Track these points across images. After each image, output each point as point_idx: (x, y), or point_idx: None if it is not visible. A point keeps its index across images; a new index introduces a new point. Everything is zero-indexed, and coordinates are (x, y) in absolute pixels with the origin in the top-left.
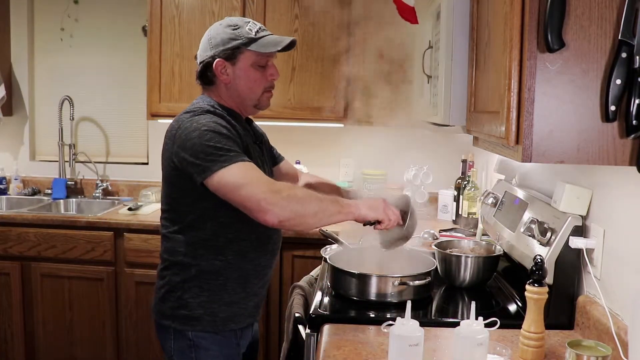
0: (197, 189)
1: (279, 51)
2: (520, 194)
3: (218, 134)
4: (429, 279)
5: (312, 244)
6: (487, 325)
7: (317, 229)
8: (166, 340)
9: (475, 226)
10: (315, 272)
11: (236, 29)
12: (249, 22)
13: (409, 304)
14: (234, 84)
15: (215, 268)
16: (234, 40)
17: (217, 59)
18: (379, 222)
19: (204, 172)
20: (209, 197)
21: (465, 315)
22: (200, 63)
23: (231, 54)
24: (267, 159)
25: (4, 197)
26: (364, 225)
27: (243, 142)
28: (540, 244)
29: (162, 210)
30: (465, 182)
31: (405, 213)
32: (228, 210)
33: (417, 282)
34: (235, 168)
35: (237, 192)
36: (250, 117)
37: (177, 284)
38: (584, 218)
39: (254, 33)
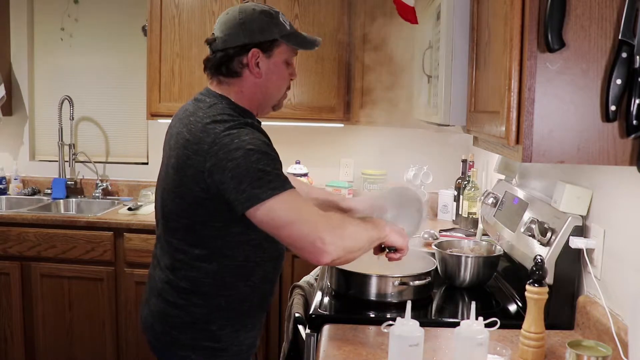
0: (230, 213)
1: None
2: (520, 194)
3: (265, 154)
4: (429, 279)
5: None
6: (487, 325)
7: None
8: None
9: (475, 226)
10: (315, 272)
11: (273, 19)
12: (280, 12)
13: (409, 304)
14: (265, 79)
15: (243, 295)
16: (273, 30)
17: (253, 49)
18: (397, 250)
19: (249, 200)
20: (242, 221)
21: (465, 316)
22: (223, 50)
23: (269, 46)
24: None
25: (3, 197)
26: (382, 249)
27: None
28: (540, 244)
29: (174, 229)
30: (465, 182)
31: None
32: (257, 231)
33: (417, 282)
34: (285, 199)
35: (287, 229)
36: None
37: (201, 316)
38: (584, 218)
39: (288, 26)
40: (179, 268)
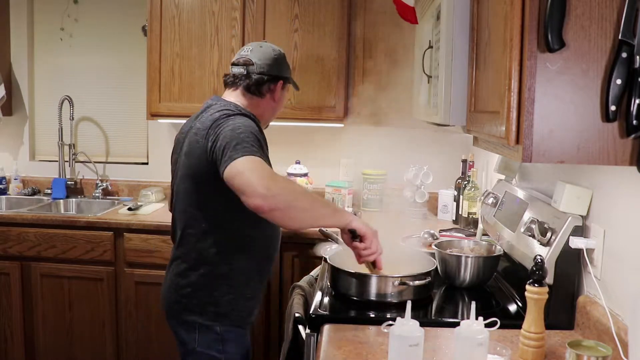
0: (230, 189)
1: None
2: (520, 194)
3: (250, 133)
4: (428, 279)
5: (312, 244)
6: (487, 325)
7: (317, 229)
8: (189, 334)
9: (475, 226)
10: (315, 272)
11: (288, 63)
12: None
13: (409, 304)
14: (276, 105)
15: (242, 266)
16: (288, 71)
17: (281, 80)
18: (362, 239)
19: (226, 162)
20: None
21: (465, 316)
22: (260, 73)
23: (286, 81)
24: None
25: (3, 197)
26: (342, 234)
27: (266, 147)
28: (540, 244)
29: (184, 207)
30: (465, 182)
31: None
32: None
33: (417, 282)
34: (250, 159)
35: (238, 177)
36: None
37: (206, 283)
38: (584, 218)
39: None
40: (188, 241)
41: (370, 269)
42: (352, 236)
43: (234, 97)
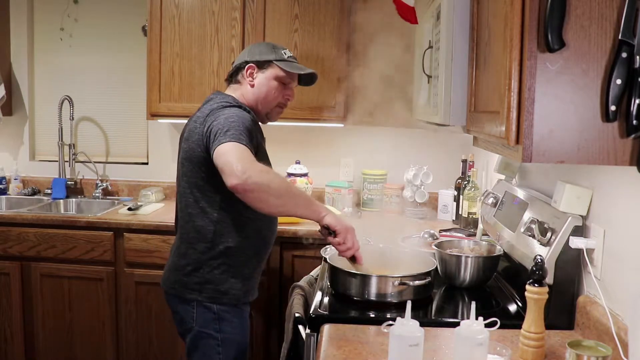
0: None
1: (301, 84)
2: (520, 194)
3: (241, 123)
4: (428, 279)
5: (312, 243)
6: (487, 325)
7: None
8: (187, 312)
9: (475, 226)
10: (315, 272)
11: (274, 48)
12: (286, 49)
13: (409, 304)
14: (257, 87)
15: (238, 245)
16: (269, 54)
17: (250, 63)
18: (335, 235)
19: (217, 143)
20: None
21: (465, 315)
22: (233, 66)
23: (262, 63)
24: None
25: (3, 197)
26: (321, 229)
27: (257, 139)
28: (540, 244)
29: (185, 189)
30: (465, 182)
31: None
32: None
33: (417, 282)
34: (235, 145)
35: (222, 158)
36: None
37: (205, 260)
38: (584, 218)
39: (286, 56)
40: (188, 221)
41: (351, 264)
42: (328, 232)
43: (229, 91)
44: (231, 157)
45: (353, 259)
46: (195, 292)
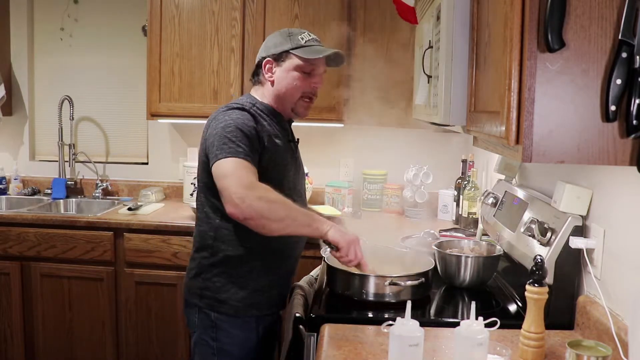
0: None
1: (331, 65)
2: (520, 194)
3: (239, 130)
4: (422, 279)
5: (312, 243)
6: (487, 325)
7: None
8: (191, 315)
9: (475, 226)
10: (315, 272)
11: (289, 36)
12: (305, 32)
13: (409, 304)
14: (277, 83)
15: (239, 255)
16: (284, 44)
17: (266, 59)
18: (338, 249)
19: (213, 159)
20: None
21: (465, 315)
22: (256, 64)
23: (279, 56)
24: (301, 163)
25: (3, 197)
26: (324, 242)
27: (262, 140)
28: (540, 244)
29: (198, 195)
30: (465, 182)
31: None
32: None
33: (409, 283)
34: (233, 161)
35: (220, 181)
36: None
37: (206, 267)
38: (584, 218)
39: (303, 41)
40: (197, 224)
41: (356, 270)
42: (331, 246)
43: (252, 92)
44: (229, 182)
45: (358, 266)
46: (196, 297)
